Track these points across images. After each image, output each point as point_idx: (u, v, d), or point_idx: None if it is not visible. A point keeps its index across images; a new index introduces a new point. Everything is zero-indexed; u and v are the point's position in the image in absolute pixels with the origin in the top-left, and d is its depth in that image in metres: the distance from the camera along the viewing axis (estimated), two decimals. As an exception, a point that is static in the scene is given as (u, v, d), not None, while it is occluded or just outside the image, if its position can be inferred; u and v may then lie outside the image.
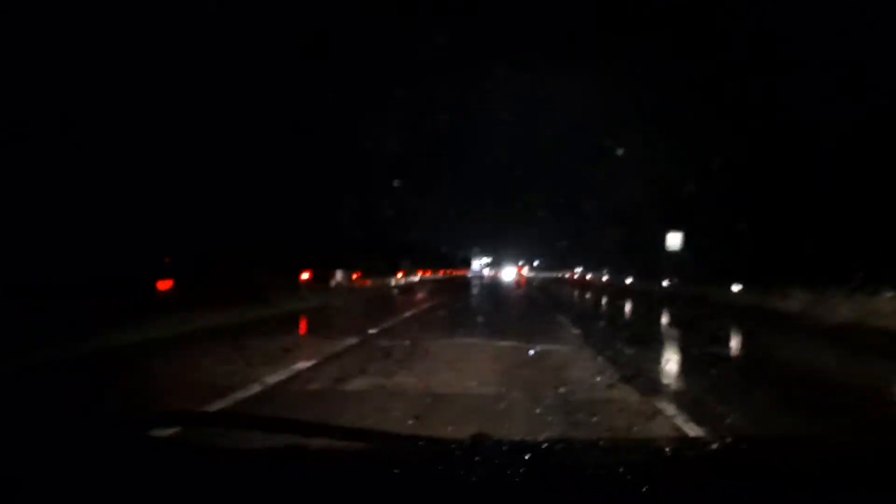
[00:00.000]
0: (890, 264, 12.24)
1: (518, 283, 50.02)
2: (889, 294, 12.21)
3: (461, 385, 6.10)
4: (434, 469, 1.29)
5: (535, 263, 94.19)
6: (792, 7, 17.76)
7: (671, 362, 8.93)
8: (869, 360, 9.20)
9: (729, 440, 1.87)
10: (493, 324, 14.06)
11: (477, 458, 1.32)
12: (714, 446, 1.65)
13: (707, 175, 17.68)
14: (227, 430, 1.69)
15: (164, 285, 13.20)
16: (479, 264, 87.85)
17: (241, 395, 5.44)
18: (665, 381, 7.18)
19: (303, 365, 7.00)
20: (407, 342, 9.21)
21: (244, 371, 6.46)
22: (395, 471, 1.28)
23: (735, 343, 11.69)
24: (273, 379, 6.15)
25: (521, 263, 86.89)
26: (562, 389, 5.90)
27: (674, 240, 30.49)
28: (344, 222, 28.43)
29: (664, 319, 17.28)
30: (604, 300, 26.58)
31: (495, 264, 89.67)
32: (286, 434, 1.51)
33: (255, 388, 5.70)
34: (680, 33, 18.07)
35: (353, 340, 9.34)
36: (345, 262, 25.22)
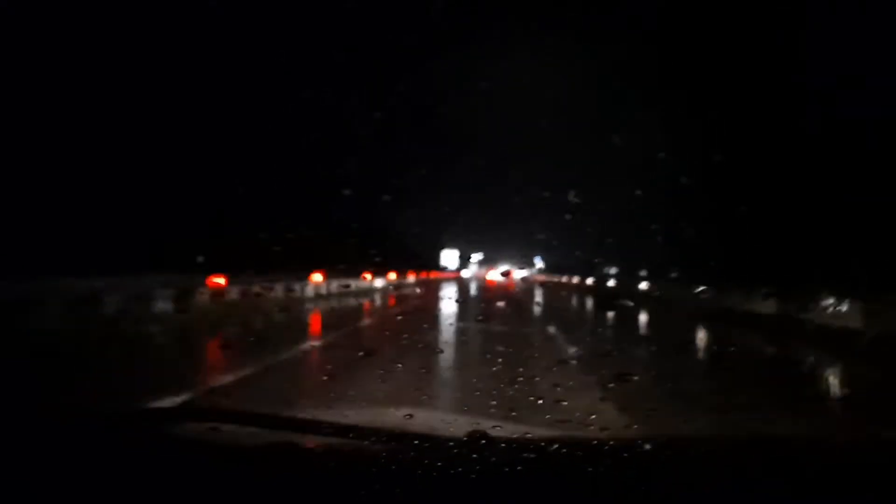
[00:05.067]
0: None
1: (507, 287, 45.11)
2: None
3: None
4: (432, 466, 1.28)
5: (537, 262, 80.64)
6: (795, 7, 17.70)
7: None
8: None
9: (725, 441, 1.86)
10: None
11: (474, 456, 1.30)
12: (710, 446, 1.64)
13: (704, 174, 17.60)
14: (219, 426, 1.68)
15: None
16: (452, 257, 54.63)
17: None
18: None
19: None
20: None
21: None
22: (393, 468, 1.27)
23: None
24: None
25: (510, 267, 68.96)
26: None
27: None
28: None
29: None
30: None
31: (485, 264, 70.20)
32: (281, 430, 1.50)
33: None
34: (680, 31, 18.02)
35: None
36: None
